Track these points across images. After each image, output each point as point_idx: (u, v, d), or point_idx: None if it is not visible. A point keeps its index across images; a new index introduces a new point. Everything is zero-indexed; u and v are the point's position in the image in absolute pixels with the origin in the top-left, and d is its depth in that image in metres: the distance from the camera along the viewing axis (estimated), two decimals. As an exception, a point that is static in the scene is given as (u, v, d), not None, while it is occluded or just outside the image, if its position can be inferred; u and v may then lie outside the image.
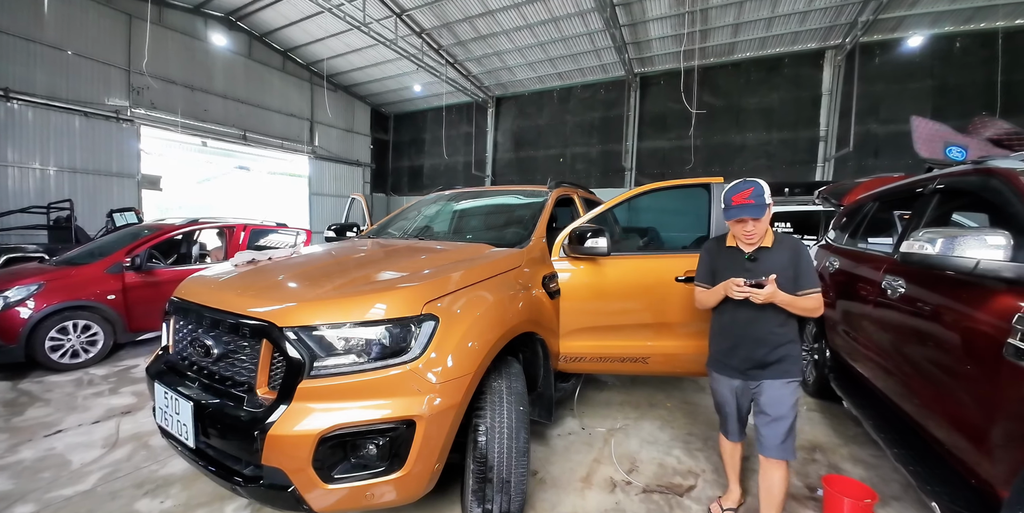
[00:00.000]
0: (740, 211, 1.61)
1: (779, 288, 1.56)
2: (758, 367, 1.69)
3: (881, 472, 2.31)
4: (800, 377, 1.72)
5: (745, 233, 1.66)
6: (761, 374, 1.69)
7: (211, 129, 12.48)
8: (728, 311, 1.76)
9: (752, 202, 1.60)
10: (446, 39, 12.23)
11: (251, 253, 2.07)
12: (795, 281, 1.62)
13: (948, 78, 10.23)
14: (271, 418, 1.25)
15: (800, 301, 1.60)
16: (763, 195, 1.62)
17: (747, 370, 1.72)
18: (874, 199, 2.95)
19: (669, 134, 12.97)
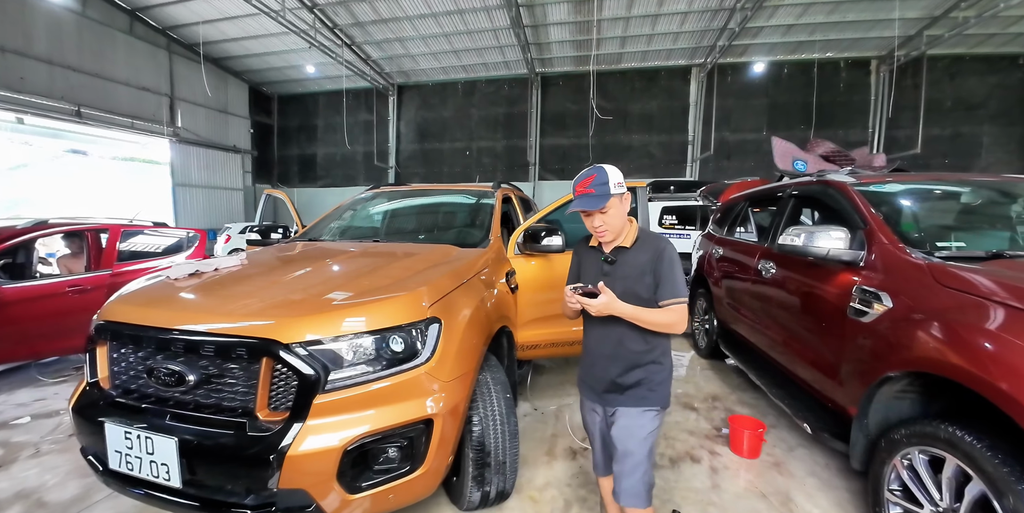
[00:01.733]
0: (578, 202, 1.34)
1: (636, 296, 1.31)
2: (613, 391, 1.40)
3: (761, 409, 3.01)
4: (661, 406, 1.39)
5: (594, 229, 1.39)
6: (616, 399, 1.39)
7: (31, 102, 9.88)
8: (588, 323, 1.48)
9: (591, 191, 1.31)
10: (343, 18, 11.38)
11: (191, 264, 1.87)
12: (655, 289, 1.33)
13: (778, 97, 12.75)
14: (286, 440, 1.21)
15: (651, 314, 1.29)
16: (606, 183, 1.30)
17: (603, 393, 1.43)
18: (745, 199, 3.72)
19: (568, 132, 13.92)
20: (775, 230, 2.87)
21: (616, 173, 1.34)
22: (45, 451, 2.52)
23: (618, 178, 1.34)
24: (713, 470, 2.28)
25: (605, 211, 1.33)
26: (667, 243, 1.37)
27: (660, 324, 1.31)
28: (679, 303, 1.32)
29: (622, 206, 1.37)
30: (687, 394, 3.24)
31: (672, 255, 1.34)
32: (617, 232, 1.39)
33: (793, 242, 2.19)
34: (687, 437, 2.60)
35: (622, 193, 1.35)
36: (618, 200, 1.34)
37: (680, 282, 1.33)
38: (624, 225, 1.40)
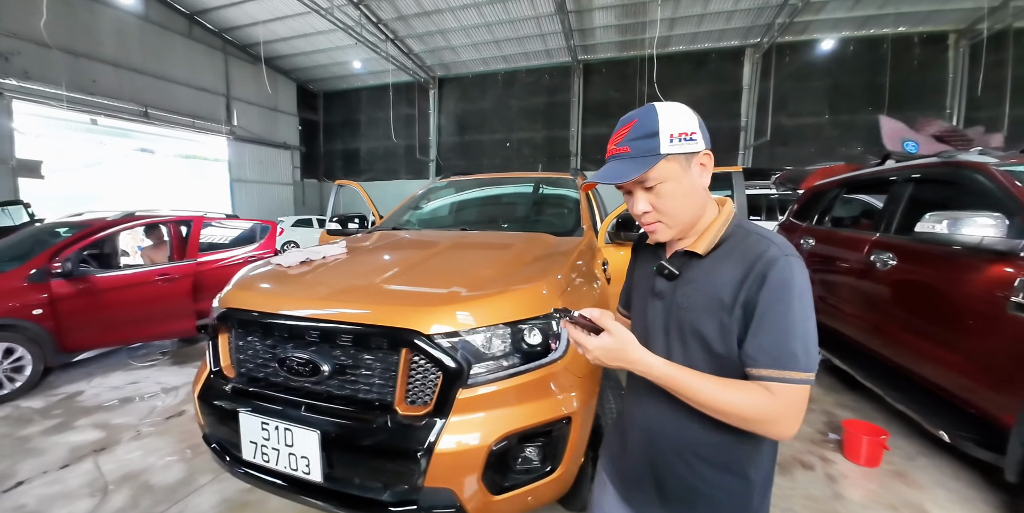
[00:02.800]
0: (601, 172, 0.76)
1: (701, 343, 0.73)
2: (647, 494, 0.82)
3: (865, 413, 2.76)
4: None
5: (638, 219, 0.79)
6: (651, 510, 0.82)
7: (103, 104, 10.59)
8: (631, 377, 0.84)
9: (625, 150, 0.74)
10: (387, 13, 11.47)
11: (301, 252, 1.86)
12: (740, 339, 0.69)
13: (842, 78, 11.83)
14: (433, 435, 1.15)
15: (713, 388, 0.67)
16: (654, 134, 0.71)
17: (631, 493, 0.85)
18: (840, 185, 3.40)
19: (611, 121, 13.41)
20: (891, 218, 2.59)
21: (677, 116, 0.72)
22: (145, 434, 2.63)
23: (682, 125, 0.72)
24: (830, 478, 2.09)
25: (651, 186, 0.73)
26: (783, 255, 0.67)
27: (727, 412, 0.66)
28: (789, 382, 0.64)
29: (688, 177, 0.73)
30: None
31: (789, 280, 0.66)
32: (682, 225, 0.76)
33: (933, 230, 1.94)
34: (791, 441, 2.40)
35: (690, 153, 0.72)
36: (679, 166, 0.72)
37: (800, 337, 0.65)
38: (696, 213, 0.76)
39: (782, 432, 0.66)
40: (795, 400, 0.65)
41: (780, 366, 0.65)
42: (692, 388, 0.68)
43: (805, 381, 0.65)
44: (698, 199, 0.76)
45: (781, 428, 0.65)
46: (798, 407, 0.65)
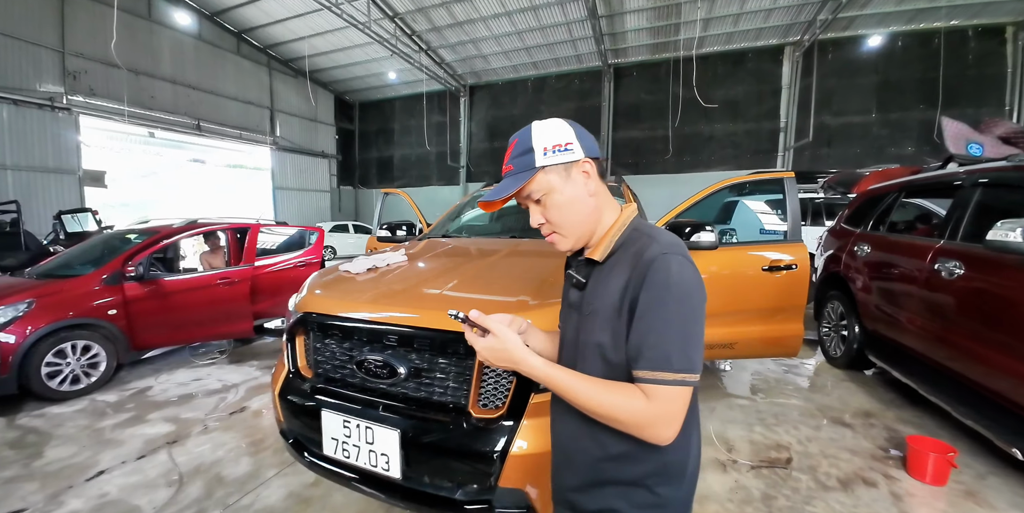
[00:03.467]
0: (492, 191, 0.80)
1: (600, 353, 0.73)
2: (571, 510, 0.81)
3: (928, 428, 2.62)
4: None
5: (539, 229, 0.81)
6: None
7: (160, 118, 11.37)
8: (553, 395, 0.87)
9: (511, 168, 0.78)
10: (420, 24, 11.81)
11: (367, 259, 1.96)
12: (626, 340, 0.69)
13: (891, 74, 11.26)
14: (507, 437, 1.19)
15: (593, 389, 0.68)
16: (529, 150, 0.75)
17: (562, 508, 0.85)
18: (898, 189, 3.26)
19: (643, 124, 13.36)
20: (956, 224, 2.47)
21: (550, 130, 0.75)
22: (212, 428, 2.80)
23: (555, 138, 0.74)
24: (895, 497, 2.01)
25: (538, 199, 0.76)
26: (661, 254, 0.67)
27: (606, 415, 0.66)
28: (661, 384, 0.63)
29: (570, 186, 0.75)
30: (832, 407, 2.91)
31: (666, 279, 0.65)
32: (577, 234, 0.78)
33: (1007, 238, 1.85)
34: (850, 456, 2.32)
35: (568, 162, 0.74)
36: (558, 177, 0.75)
37: (675, 337, 0.64)
38: (587, 220, 0.77)
39: (656, 435, 0.65)
40: (668, 403, 0.64)
41: (653, 367, 0.64)
42: (572, 389, 0.69)
43: (678, 383, 0.64)
44: (585, 207, 0.78)
45: (655, 431, 0.65)
46: (672, 410, 0.64)
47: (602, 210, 0.80)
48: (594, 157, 0.78)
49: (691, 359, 0.65)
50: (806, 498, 1.98)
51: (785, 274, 2.45)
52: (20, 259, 5.99)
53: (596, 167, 0.79)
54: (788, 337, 2.52)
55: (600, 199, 0.79)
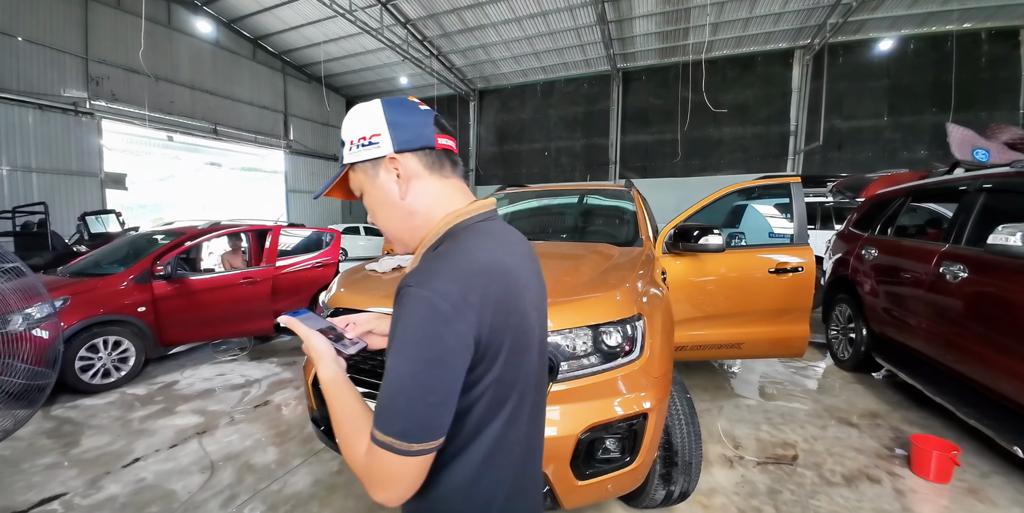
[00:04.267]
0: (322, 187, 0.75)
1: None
2: None
3: (934, 429, 2.66)
4: None
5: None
6: None
7: (179, 122, 11.67)
8: None
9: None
10: (432, 30, 12.02)
11: (395, 259, 2.08)
12: None
13: (902, 78, 11.22)
14: None
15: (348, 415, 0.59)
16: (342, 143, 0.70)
17: None
18: (905, 194, 3.31)
19: (651, 128, 13.43)
20: (961, 229, 2.53)
21: (357, 120, 0.67)
22: (238, 420, 2.93)
23: (361, 129, 0.66)
24: (899, 493, 2.07)
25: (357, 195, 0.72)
26: (406, 286, 0.55)
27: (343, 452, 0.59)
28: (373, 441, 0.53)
29: (377, 187, 0.68)
30: (839, 408, 2.96)
31: (399, 318, 0.54)
32: (399, 241, 0.72)
33: (1007, 242, 1.92)
34: (855, 455, 2.38)
35: (374, 159, 0.66)
36: (365, 175, 0.68)
37: (389, 390, 0.53)
38: (402, 226, 0.69)
39: (371, 493, 0.54)
40: (375, 464, 0.53)
41: (375, 418, 0.53)
42: (334, 412, 0.60)
43: (384, 445, 0.51)
44: (397, 211, 0.67)
45: (368, 488, 0.54)
46: (379, 473, 0.53)
47: (429, 214, 0.67)
48: (417, 148, 0.65)
49: (395, 423, 0.52)
50: (810, 492, 2.05)
51: (792, 276, 2.52)
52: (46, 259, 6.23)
53: (422, 161, 0.66)
54: (794, 338, 2.59)
55: (425, 201, 0.67)
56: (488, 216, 0.69)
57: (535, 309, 0.67)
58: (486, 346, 0.55)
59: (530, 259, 0.71)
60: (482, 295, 0.55)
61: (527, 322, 0.63)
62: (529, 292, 0.65)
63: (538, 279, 0.73)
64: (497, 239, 0.66)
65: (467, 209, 0.68)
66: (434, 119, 0.67)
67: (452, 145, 0.70)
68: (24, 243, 6.97)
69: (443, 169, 0.68)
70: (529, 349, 0.64)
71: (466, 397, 0.56)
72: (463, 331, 0.53)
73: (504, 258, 0.62)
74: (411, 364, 0.52)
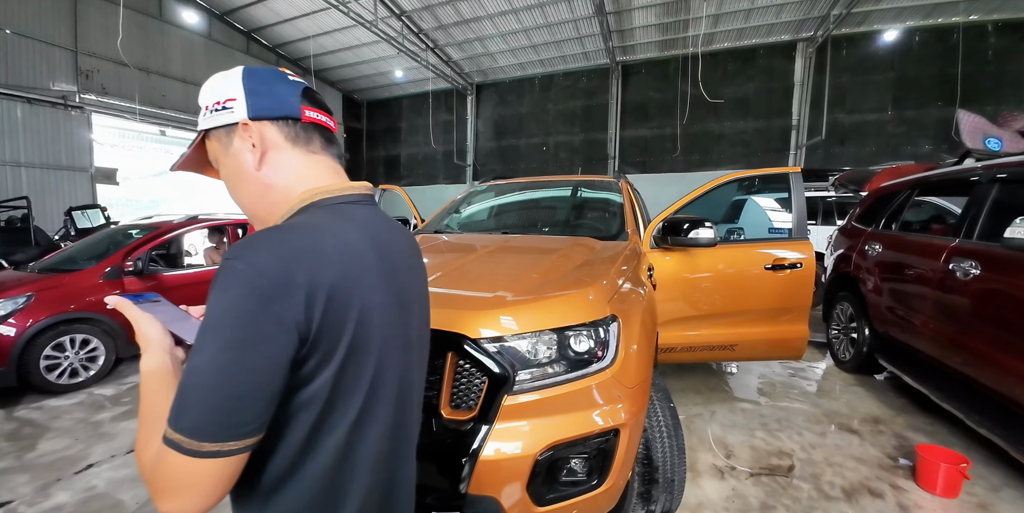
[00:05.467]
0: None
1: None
2: None
3: (940, 437, 2.50)
4: None
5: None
6: None
7: (171, 117, 11.50)
8: None
9: None
10: (428, 22, 11.79)
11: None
12: None
13: (907, 71, 10.96)
14: (477, 441, 1.13)
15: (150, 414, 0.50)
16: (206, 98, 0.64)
17: None
18: (911, 186, 3.13)
19: (651, 123, 13.20)
20: (972, 222, 2.35)
21: (216, 83, 0.62)
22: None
23: (218, 93, 0.61)
24: (903, 508, 1.91)
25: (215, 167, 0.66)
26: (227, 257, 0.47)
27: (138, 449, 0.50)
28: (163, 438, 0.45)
29: (229, 157, 0.62)
30: (839, 413, 2.80)
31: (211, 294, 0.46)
32: (256, 219, 0.65)
33: (1026, 235, 1.74)
34: (856, 465, 2.22)
35: (227, 125, 0.61)
36: (219, 144, 0.63)
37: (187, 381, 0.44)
38: (256, 203, 0.63)
39: (155, 502, 0.45)
40: (159, 464, 0.45)
41: (169, 412, 0.45)
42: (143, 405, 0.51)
43: (169, 443, 0.44)
44: (252, 183, 0.61)
45: (153, 496, 0.46)
46: (161, 477, 0.45)
47: (288, 189, 0.60)
48: (276, 117, 0.60)
49: (184, 417, 0.43)
50: (807, 508, 1.89)
51: (789, 273, 2.35)
52: (30, 254, 6.10)
53: (282, 132, 0.60)
54: (792, 339, 2.42)
55: (285, 175, 0.60)
56: (356, 199, 0.64)
57: (402, 308, 0.61)
58: (316, 340, 0.48)
59: (404, 252, 0.66)
60: (312, 278, 0.47)
61: (384, 319, 0.56)
62: (393, 287, 0.59)
63: (413, 275, 0.66)
64: (357, 223, 0.59)
65: (332, 187, 0.62)
66: (303, 91, 0.63)
67: (326, 121, 0.65)
68: (7, 238, 6.82)
69: (310, 143, 0.63)
70: (387, 352, 0.56)
71: (294, 399, 0.48)
72: (283, 315, 0.45)
73: (357, 244, 0.55)
74: (213, 347, 0.44)
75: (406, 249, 0.66)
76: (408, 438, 0.64)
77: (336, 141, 0.68)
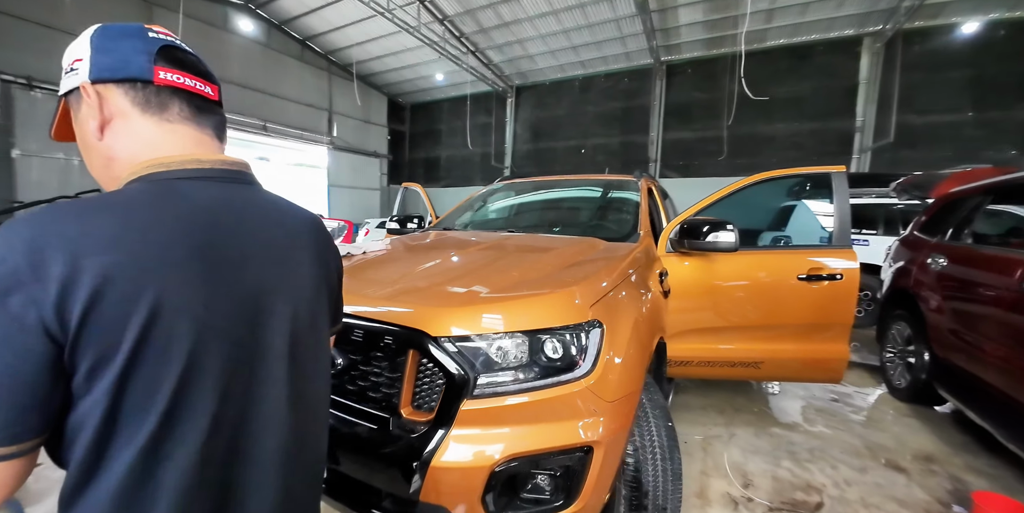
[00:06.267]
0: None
1: None
2: None
3: (1006, 482, 2.14)
4: None
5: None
6: None
7: (232, 119, 12.30)
8: None
9: None
10: (469, 26, 11.94)
11: (344, 246, 1.90)
12: None
13: (988, 68, 9.82)
14: (431, 446, 1.06)
15: None
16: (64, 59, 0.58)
17: None
18: (984, 192, 2.74)
19: (695, 125, 12.65)
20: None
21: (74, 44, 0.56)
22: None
23: (71, 53, 0.56)
24: (954, 566, 1.62)
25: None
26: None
27: None
28: None
29: (77, 123, 0.58)
30: (885, 447, 2.47)
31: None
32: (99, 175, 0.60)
33: None
34: (897, 508, 1.93)
35: (74, 90, 0.55)
36: (72, 109, 0.58)
37: None
38: (102, 172, 0.59)
39: None
40: None
41: None
42: None
43: None
44: (95, 154, 0.56)
45: None
46: None
47: (131, 162, 0.54)
48: (120, 78, 0.53)
49: None
50: (833, 554, 1.65)
51: (827, 285, 2.09)
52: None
53: (128, 96, 0.53)
54: (829, 359, 2.16)
55: (129, 146, 0.54)
56: (206, 174, 0.55)
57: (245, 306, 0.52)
58: (79, 342, 0.41)
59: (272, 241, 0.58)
60: (76, 266, 0.40)
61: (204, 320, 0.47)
62: (231, 280, 0.51)
63: (283, 267, 0.58)
64: (185, 202, 0.50)
65: (169, 159, 0.53)
66: (160, 48, 0.56)
67: (192, 85, 0.58)
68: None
69: (165, 111, 0.56)
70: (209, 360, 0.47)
71: (76, 409, 0.43)
72: (23, 312, 0.39)
73: (168, 225, 0.47)
74: None
75: (279, 238, 0.59)
76: (265, 473, 0.53)
77: (211, 109, 0.61)
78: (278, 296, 0.56)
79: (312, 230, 0.66)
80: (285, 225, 0.61)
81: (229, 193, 0.56)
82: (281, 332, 0.56)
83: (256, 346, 0.53)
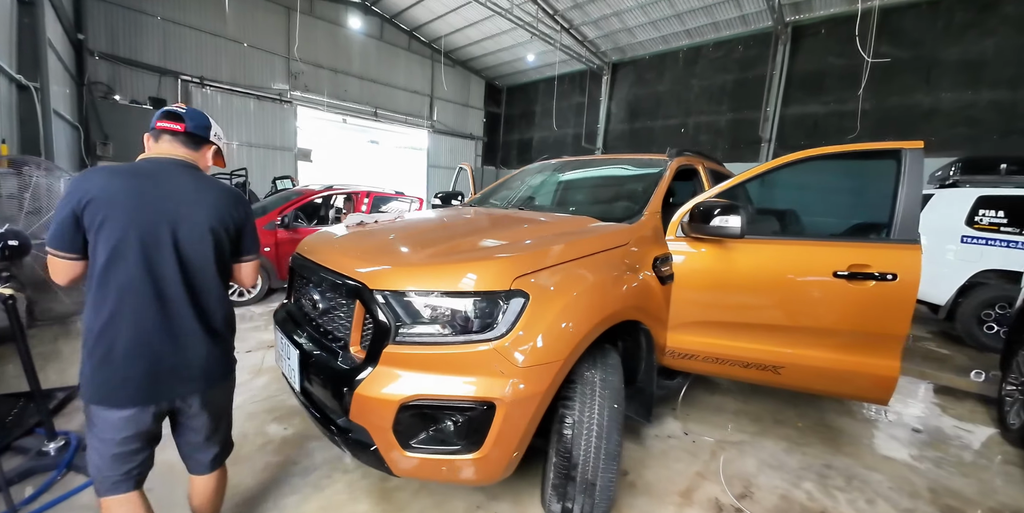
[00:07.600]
0: None
1: None
2: None
3: None
4: None
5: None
6: None
7: (350, 107, 13.89)
8: None
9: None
10: (562, 3, 11.60)
11: (360, 216, 2.15)
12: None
13: None
14: (359, 377, 1.29)
15: None
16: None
17: None
18: None
19: (826, 96, 10.72)
20: None
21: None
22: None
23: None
24: None
25: None
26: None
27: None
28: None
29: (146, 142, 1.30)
30: (958, 493, 2.01)
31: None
32: None
33: None
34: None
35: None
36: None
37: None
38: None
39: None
40: (50, 263, 1.17)
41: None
42: None
43: (46, 253, 1.18)
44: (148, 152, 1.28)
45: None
46: (50, 269, 1.17)
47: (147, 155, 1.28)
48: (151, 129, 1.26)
49: (47, 237, 1.14)
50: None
51: (875, 286, 1.74)
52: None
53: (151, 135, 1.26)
54: (871, 375, 1.81)
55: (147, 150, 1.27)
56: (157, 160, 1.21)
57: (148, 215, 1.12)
58: (82, 215, 1.08)
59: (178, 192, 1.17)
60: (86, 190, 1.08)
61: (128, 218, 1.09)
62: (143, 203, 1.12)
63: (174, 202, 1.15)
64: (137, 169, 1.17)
65: (147, 154, 1.24)
66: (162, 113, 1.24)
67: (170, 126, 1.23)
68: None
69: (159, 139, 1.25)
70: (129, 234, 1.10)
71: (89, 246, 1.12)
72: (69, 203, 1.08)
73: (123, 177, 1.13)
74: None
75: (189, 193, 1.18)
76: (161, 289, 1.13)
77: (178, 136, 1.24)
78: (178, 220, 1.14)
79: (220, 195, 1.22)
80: (199, 189, 1.19)
81: (168, 168, 1.19)
82: (174, 236, 1.14)
83: (158, 238, 1.12)
